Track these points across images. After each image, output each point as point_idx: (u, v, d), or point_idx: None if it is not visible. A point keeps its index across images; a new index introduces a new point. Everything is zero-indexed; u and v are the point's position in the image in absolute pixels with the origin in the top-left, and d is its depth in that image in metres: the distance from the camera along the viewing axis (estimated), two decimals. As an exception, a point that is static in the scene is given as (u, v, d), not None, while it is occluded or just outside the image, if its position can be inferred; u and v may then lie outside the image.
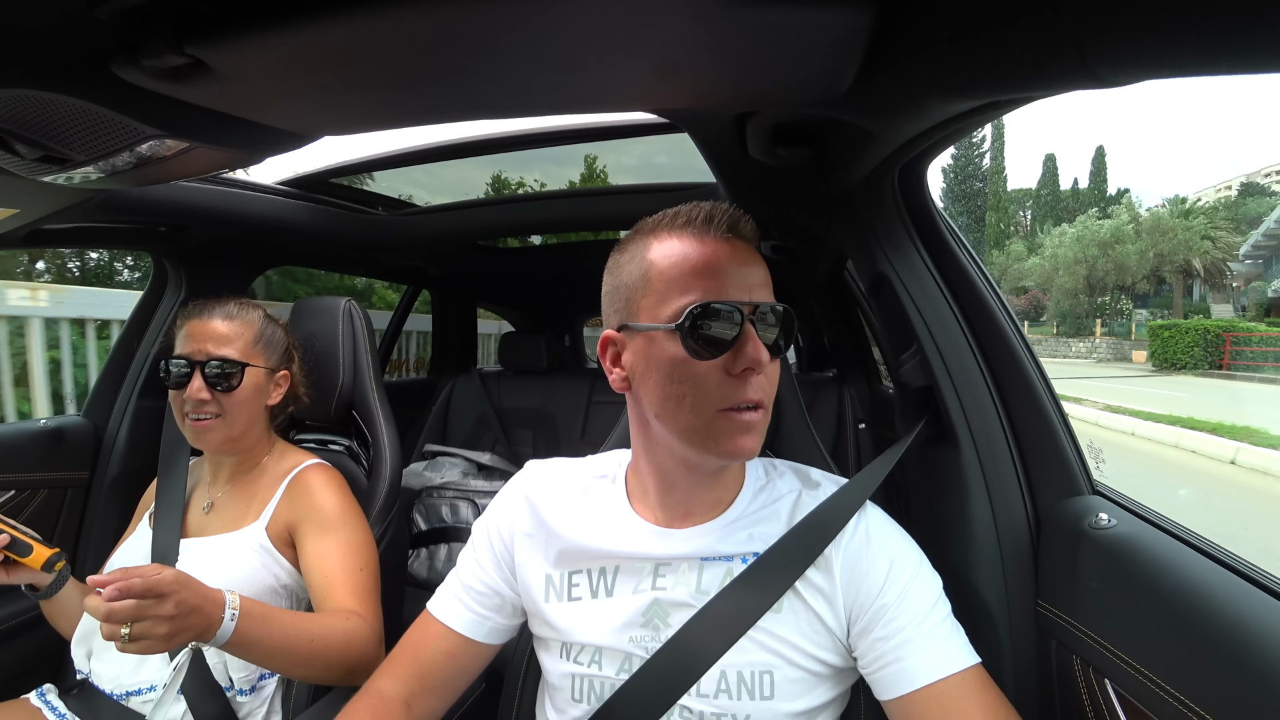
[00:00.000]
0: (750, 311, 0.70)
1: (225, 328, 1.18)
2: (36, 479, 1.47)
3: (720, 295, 0.70)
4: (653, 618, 0.78)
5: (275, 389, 1.25)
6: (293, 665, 0.97)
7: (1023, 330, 0.92)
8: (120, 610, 0.78)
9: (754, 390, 0.70)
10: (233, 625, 0.88)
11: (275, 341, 1.26)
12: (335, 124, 0.79)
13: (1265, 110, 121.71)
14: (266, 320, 1.26)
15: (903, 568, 0.75)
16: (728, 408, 0.70)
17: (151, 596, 0.79)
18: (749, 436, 0.71)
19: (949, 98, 0.63)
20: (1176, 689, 0.61)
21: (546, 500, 0.87)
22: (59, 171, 0.84)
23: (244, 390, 1.17)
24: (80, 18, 0.56)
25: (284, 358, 1.28)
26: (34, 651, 1.36)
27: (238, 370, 1.16)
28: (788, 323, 0.73)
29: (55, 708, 1.10)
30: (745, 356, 0.68)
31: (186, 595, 0.83)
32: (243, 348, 1.19)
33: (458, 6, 0.51)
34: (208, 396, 1.14)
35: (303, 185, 1.70)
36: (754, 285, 0.72)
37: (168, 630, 0.81)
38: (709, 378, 0.70)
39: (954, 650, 0.71)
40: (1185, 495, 6.13)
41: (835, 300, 2.36)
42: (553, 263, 2.48)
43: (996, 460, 0.88)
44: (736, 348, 0.69)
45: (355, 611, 1.05)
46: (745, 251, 0.74)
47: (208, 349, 1.15)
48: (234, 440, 1.19)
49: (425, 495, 2.23)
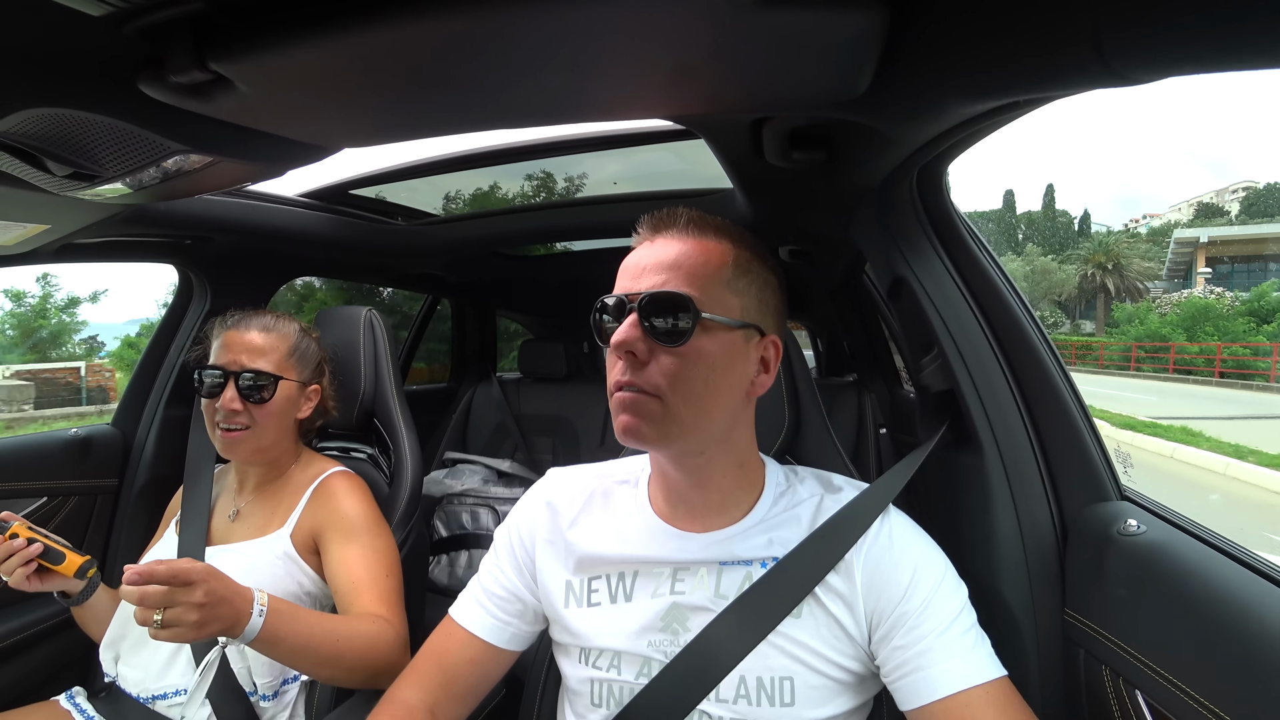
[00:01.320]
0: (633, 300, 0.72)
1: (261, 340, 1.19)
2: (67, 486, 1.50)
3: (619, 290, 0.75)
4: (671, 622, 0.77)
5: (306, 403, 1.26)
6: (318, 665, 0.98)
7: (1046, 333, 0.91)
8: (153, 595, 0.80)
9: (620, 371, 0.73)
10: (261, 620, 0.90)
11: (309, 356, 1.27)
12: (355, 136, 0.80)
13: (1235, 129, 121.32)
14: (301, 334, 1.27)
15: (926, 575, 0.73)
16: (611, 390, 0.74)
17: (180, 583, 0.82)
18: (623, 416, 0.72)
19: (966, 99, 0.62)
20: (1212, 701, 0.59)
21: (567, 507, 0.87)
22: (88, 187, 0.86)
23: (276, 403, 1.18)
24: (108, 36, 0.57)
25: (316, 372, 1.29)
26: (63, 655, 1.39)
27: (271, 383, 1.17)
28: (664, 307, 0.72)
29: (84, 710, 1.12)
30: (613, 340, 0.72)
31: (215, 585, 0.85)
32: (277, 361, 1.20)
33: (475, 18, 0.51)
34: (239, 407, 1.15)
35: (323, 197, 1.73)
36: (647, 275, 0.74)
37: (198, 618, 0.82)
38: (609, 362, 0.75)
39: (978, 661, 0.70)
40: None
41: (854, 304, 2.35)
42: (570, 269, 2.49)
43: (1020, 465, 0.86)
44: (609, 334, 0.73)
45: (381, 616, 1.06)
46: (661, 245, 0.76)
47: (242, 360, 1.16)
48: (262, 452, 1.21)
49: (446, 502, 2.24)
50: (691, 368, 0.72)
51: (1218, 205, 54.94)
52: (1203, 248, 29.26)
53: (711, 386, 0.73)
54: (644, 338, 0.71)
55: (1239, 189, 55.73)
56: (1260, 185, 54.17)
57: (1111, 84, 0.47)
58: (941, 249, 0.94)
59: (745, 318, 0.75)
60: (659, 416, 0.71)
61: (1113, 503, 0.82)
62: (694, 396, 0.72)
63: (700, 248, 0.75)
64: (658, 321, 0.71)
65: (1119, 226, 50.94)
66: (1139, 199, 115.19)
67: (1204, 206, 55.62)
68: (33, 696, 1.21)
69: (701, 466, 0.78)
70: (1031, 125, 46.43)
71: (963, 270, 0.94)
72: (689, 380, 0.72)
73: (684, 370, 0.71)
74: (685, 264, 0.73)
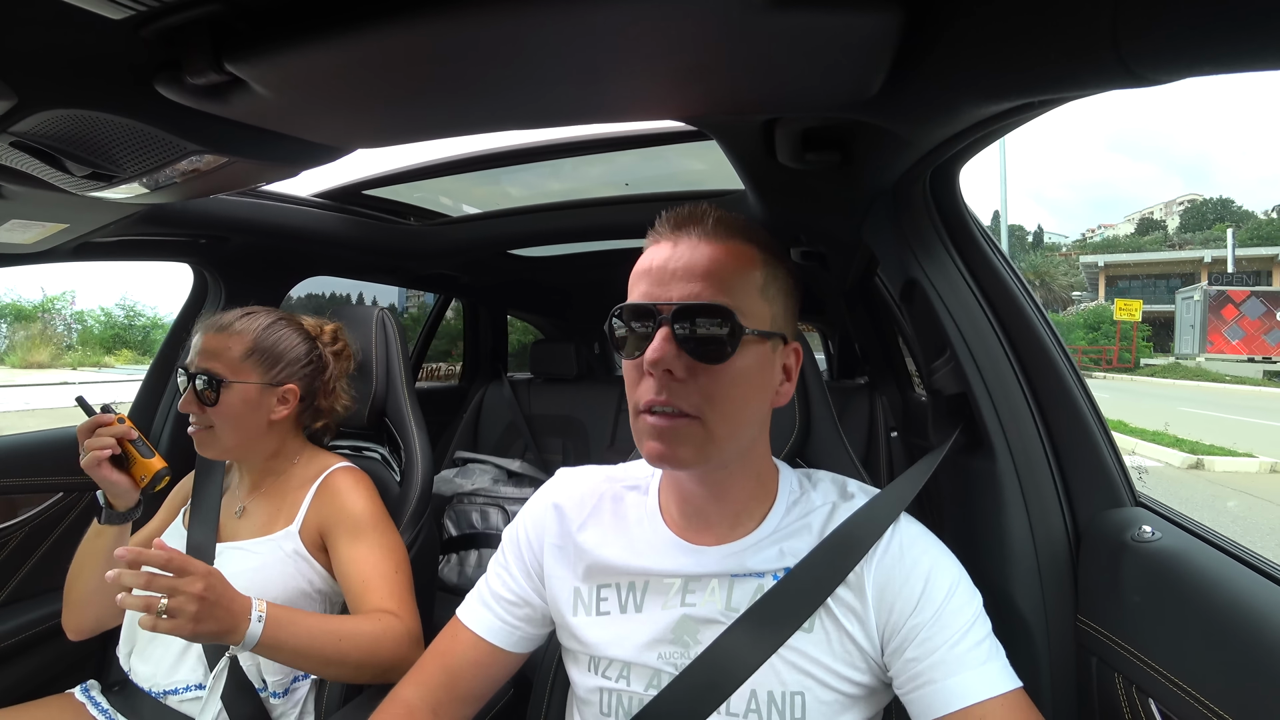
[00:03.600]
0: (667, 311, 0.67)
1: (213, 341, 1.16)
2: (83, 482, 1.51)
3: (635, 297, 0.70)
4: (682, 634, 0.76)
5: (281, 405, 1.20)
6: (323, 665, 0.98)
7: (1060, 337, 0.90)
8: (159, 581, 0.82)
9: (654, 391, 0.67)
10: (260, 626, 0.91)
11: (278, 354, 1.20)
12: (368, 137, 0.81)
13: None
14: (269, 332, 1.20)
15: (938, 585, 0.71)
16: (641, 409, 0.69)
17: (177, 570, 0.84)
18: (656, 442, 0.68)
19: (980, 100, 0.61)
20: (1226, 710, 0.58)
21: (576, 512, 0.85)
22: (106, 187, 0.87)
23: (229, 405, 1.14)
24: (127, 39, 0.58)
25: (294, 371, 1.22)
26: (78, 649, 1.41)
27: (216, 385, 1.14)
28: (707, 315, 0.67)
29: (99, 703, 1.14)
30: (644, 357, 0.67)
31: (215, 583, 0.88)
32: (230, 361, 1.15)
33: (488, 19, 0.51)
34: (196, 408, 1.14)
35: (336, 197, 1.74)
36: (676, 282, 0.68)
37: (196, 610, 0.84)
38: (631, 377, 0.70)
39: (992, 673, 0.68)
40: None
41: (866, 306, 2.33)
42: (582, 270, 2.50)
43: (1034, 470, 0.86)
44: (640, 349, 0.68)
45: (390, 612, 1.06)
46: (688, 247, 0.69)
47: (197, 361, 1.15)
48: (229, 451, 1.18)
49: (456, 501, 2.25)
50: (731, 386, 0.68)
51: (1158, 220, 61.05)
52: (1103, 270, 38.12)
53: (746, 403, 0.70)
54: (680, 354, 0.66)
55: (1184, 201, 60.93)
56: (1202, 198, 59.67)
57: (1129, 85, 0.47)
58: (954, 251, 0.94)
59: (774, 327, 0.72)
60: (700, 439, 0.68)
61: (1127, 509, 0.81)
62: (731, 414, 0.69)
63: (731, 253, 0.70)
64: (696, 336, 0.66)
65: (1077, 236, 55.91)
66: (1119, 201, 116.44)
67: (1144, 221, 61.83)
68: (49, 689, 1.22)
69: (722, 480, 0.76)
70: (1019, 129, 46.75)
71: (976, 272, 0.93)
72: (729, 399, 0.68)
73: (724, 389, 0.67)
74: (719, 271, 0.68)
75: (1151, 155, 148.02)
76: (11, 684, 1.33)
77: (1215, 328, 23.86)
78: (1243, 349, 23.28)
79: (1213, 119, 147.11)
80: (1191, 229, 53.79)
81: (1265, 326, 23.53)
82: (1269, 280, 29.07)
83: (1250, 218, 49.65)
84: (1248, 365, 21.18)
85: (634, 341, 0.69)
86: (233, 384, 1.15)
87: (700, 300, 0.67)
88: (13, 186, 0.91)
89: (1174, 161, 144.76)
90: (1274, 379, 19.45)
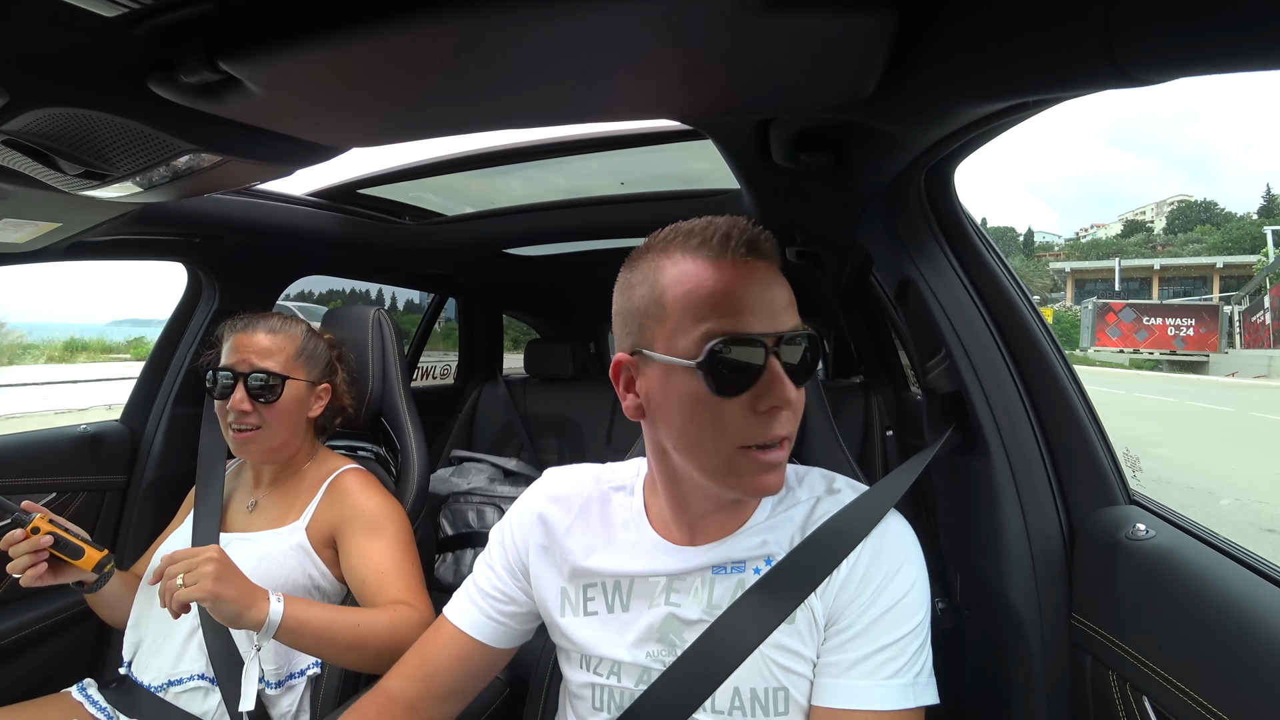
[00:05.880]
0: (774, 343, 0.65)
1: (268, 341, 1.22)
2: (77, 482, 1.51)
3: (741, 327, 0.64)
4: (667, 633, 0.77)
5: (316, 401, 1.28)
6: (344, 651, 1.01)
7: (1054, 335, 0.90)
8: (172, 569, 0.93)
9: (780, 426, 0.66)
10: (281, 608, 0.96)
11: (317, 355, 1.29)
12: (363, 136, 0.81)
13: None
14: (309, 335, 1.29)
15: (896, 588, 0.72)
16: (750, 445, 0.66)
17: (186, 557, 0.94)
18: (774, 474, 0.68)
19: (974, 101, 0.62)
20: (1220, 708, 0.59)
21: (562, 514, 0.85)
22: (99, 186, 0.87)
23: (285, 402, 1.21)
24: (120, 37, 0.58)
25: (326, 371, 1.31)
26: (75, 647, 1.41)
27: (279, 383, 1.20)
28: (814, 346, 0.69)
29: (96, 701, 1.14)
30: (772, 395, 0.64)
31: (221, 555, 0.95)
32: (284, 361, 1.22)
33: (483, 19, 0.51)
34: (249, 408, 1.17)
35: (331, 196, 1.74)
36: (777, 311, 0.66)
37: (214, 569, 0.92)
38: (731, 415, 0.65)
39: (892, 690, 0.68)
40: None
41: (861, 306, 2.34)
42: (578, 270, 2.49)
43: (1028, 468, 0.86)
44: (761, 384, 0.64)
45: (407, 603, 1.10)
46: (766, 273, 0.67)
47: (251, 361, 1.19)
48: (274, 451, 1.23)
49: (452, 500, 2.25)
50: (801, 403, 0.70)
51: (1147, 220, 65.33)
52: (1070, 274, 47.46)
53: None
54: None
55: (1174, 202, 64.36)
56: (1191, 199, 63.37)
57: (1121, 85, 0.47)
58: (949, 251, 0.94)
59: None
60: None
61: (1121, 507, 0.81)
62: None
63: (783, 277, 0.70)
64: (805, 364, 0.68)
65: (1070, 234, 61.04)
66: (1119, 198, 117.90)
67: (1130, 223, 66.13)
68: (45, 688, 1.23)
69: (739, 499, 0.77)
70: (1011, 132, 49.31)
71: (971, 272, 0.93)
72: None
73: (800, 408, 0.70)
74: (791, 294, 0.69)
75: (1154, 151, 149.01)
76: (8, 684, 1.33)
77: (1101, 329, 35.46)
78: (1119, 344, 35.06)
79: (1214, 116, 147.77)
80: (1178, 229, 57.58)
81: (1135, 328, 35.01)
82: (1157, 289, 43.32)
83: (1232, 219, 53.49)
84: (1119, 355, 34.14)
85: (742, 380, 0.65)
86: (291, 381, 1.22)
87: (806, 331, 0.68)
88: (5, 185, 0.91)
89: (1176, 157, 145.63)
90: (1138, 365, 32.32)
